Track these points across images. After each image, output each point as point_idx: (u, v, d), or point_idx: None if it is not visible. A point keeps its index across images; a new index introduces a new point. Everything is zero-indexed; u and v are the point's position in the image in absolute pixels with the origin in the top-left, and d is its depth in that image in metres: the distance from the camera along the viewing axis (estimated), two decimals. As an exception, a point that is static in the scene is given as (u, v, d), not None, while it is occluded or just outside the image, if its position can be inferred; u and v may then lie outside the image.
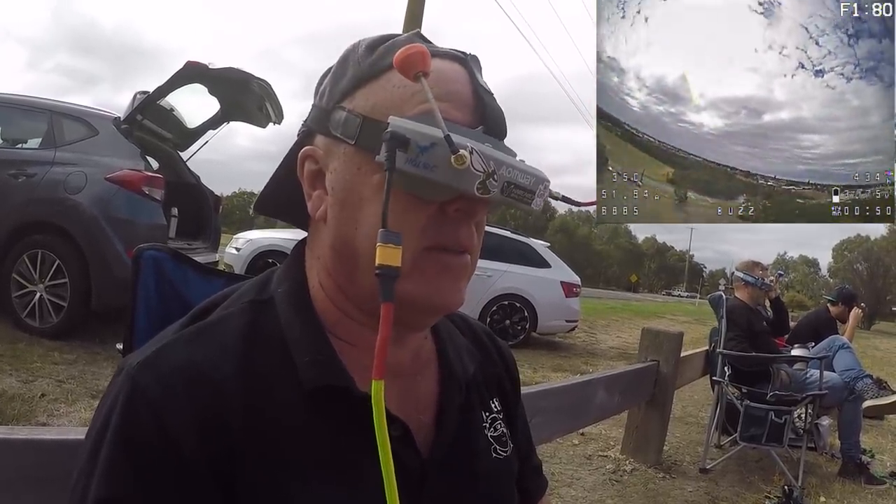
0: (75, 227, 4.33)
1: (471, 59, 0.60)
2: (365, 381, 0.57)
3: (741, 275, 4.14)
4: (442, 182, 0.52)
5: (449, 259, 0.57)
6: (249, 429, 0.52)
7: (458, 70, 0.59)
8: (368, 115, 0.56)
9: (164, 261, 0.73)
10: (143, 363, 0.52)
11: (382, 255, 0.49)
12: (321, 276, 0.61)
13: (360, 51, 0.60)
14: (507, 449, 0.70)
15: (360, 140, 0.56)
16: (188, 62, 4.60)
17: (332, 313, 0.61)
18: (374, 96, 0.57)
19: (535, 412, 1.96)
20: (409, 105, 0.55)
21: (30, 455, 0.79)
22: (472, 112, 0.58)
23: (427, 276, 0.55)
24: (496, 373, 0.76)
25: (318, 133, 0.60)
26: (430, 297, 0.56)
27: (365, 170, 0.56)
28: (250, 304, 0.60)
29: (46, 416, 2.99)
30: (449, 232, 0.56)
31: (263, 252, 7.23)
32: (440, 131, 0.50)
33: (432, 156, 0.51)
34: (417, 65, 0.51)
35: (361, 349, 0.60)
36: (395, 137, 0.51)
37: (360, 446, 0.56)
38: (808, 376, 3.81)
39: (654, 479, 3.43)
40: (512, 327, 7.69)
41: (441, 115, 0.51)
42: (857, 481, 3.63)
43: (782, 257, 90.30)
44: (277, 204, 0.69)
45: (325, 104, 0.60)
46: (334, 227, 0.58)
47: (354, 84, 0.58)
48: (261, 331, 0.57)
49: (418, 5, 9.66)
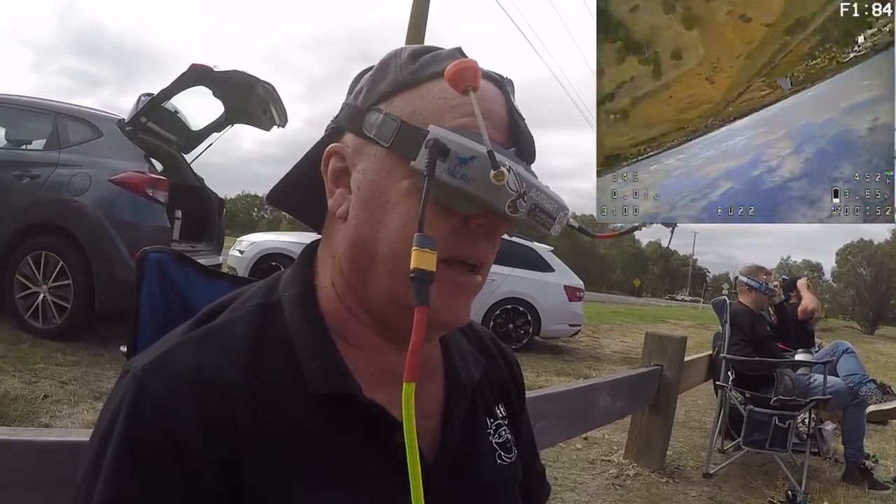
0: (79, 228, 4.34)
1: (507, 82, 0.61)
2: (371, 386, 0.57)
3: (745, 279, 4.13)
4: (477, 195, 0.53)
5: (464, 279, 0.58)
6: (256, 433, 0.52)
7: (495, 91, 0.60)
8: (406, 121, 0.56)
9: (168, 263, 0.73)
10: (150, 366, 0.52)
11: (418, 259, 0.49)
12: (334, 274, 0.61)
13: (402, 57, 0.60)
14: (512, 455, 0.70)
15: (395, 144, 0.56)
16: (193, 65, 4.62)
17: (341, 314, 0.61)
18: (413, 103, 0.58)
19: (538, 416, 1.96)
20: (448, 116, 0.56)
21: (32, 456, 0.79)
22: (507, 133, 0.59)
23: (440, 291, 0.55)
24: (501, 379, 0.76)
25: (349, 131, 0.61)
26: (440, 313, 0.56)
27: (395, 173, 0.56)
28: (257, 308, 0.60)
29: (49, 417, 2.99)
30: (468, 245, 0.57)
31: (267, 255, 7.24)
32: (481, 145, 0.52)
33: (471, 168, 0.52)
34: (469, 79, 0.52)
35: (367, 353, 0.60)
36: (437, 146, 0.52)
37: (365, 452, 0.56)
38: (811, 381, 3.79)
39: (657, 483, 3.42)
40: (515, 331, 7.68)
41: (475, 131, 0.53)
42: (861, 486, 3.62)
43: (785, 262, 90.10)
44: (291, 197, 0.69)
45: (361, 104, 0.60)
46: (355, 226, 0.58)
47: (394, 88, 0.59)
48: (268, 335, 0.57)
49: (422, 9, 9.68)
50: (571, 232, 0.81)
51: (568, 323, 8.15)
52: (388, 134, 0.56)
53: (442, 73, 0.56)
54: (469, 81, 0.52)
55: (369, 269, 0.58)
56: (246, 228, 67.67)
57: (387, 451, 0.57)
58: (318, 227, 0.67)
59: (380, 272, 0.57)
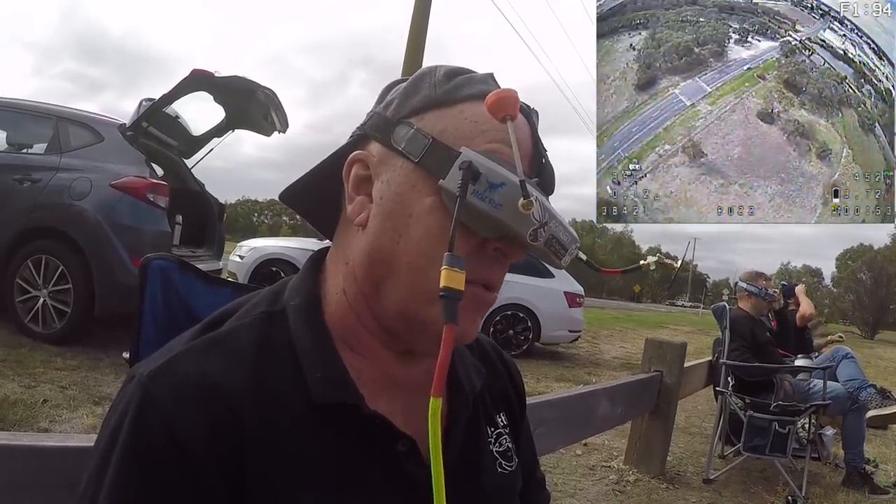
0: (79, 233, 4.35)
1: (533, 112, 0.62)
2: (373, 395, 0.58)
3: (745, 285, 4.13)
4: (503, 221, 0.54)
5: (481, 294, 0.58)
6: (260, 440, 0.52)
7: (523, 121, 0.60)
8: (437, 138, 0.57)
9: (170, 270, 0.73)
10: (155, 372, 0.52)
11: (447, 278, 0.50)
12: (346, 281, 0.61)
13: (437, 76, 0.61)
14: (512, 463, 0.70)
15: (425, 160, 0.56)
16: (194, 70, 4.63)
17: (349, 322, 0.61)
18: (444, 122, 0.58)
19: (538, 423, 1.96)
20: (478, 140, 0.57)
21: (31, 461, 0.79)
22: (531, 163, 0.60)
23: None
24: (502, 387, 0.77)
25: (376, 141, 0.61)
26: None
27: (420, 188, 0.57)
28: (262, 316, 0.60)
29: (48, 421, 2.99)
30: (483, 268, 0.58)
31: (267, 260, 7.23)
32: (512, 173, 0.53)
33: (500, 194, 0.53)
34: (508, 108, 0.53)
35: (371, 362, 0.61)
36: (470, 169, 0.53)
37: (368, 461, 0.56)
38: (811, 386, 3.79)
39: (657, 489, 3.41)
40: (515, 337, 7.67)
41: (504, 158, 0.55)
42: (861, 491, 3.60)
43: (786, 267, 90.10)
44: (304, 199, 0.69)
45: (391, 115, 0.60)
46: (374, 235, 0.58)
47: (426, 105, 0.59)
48: (272, 343, 0.57)
49: (423, 15, 9.70)
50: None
51: (568, 329, 8.13)
52: (418, 149, 0.57)
53: (475, 96, 0.58)
54: (508, 111, 0.53)
55: (385, 280, 0.58)
56: (246, 233, 67.66)
57: (389, 461, 0.57)
58: (327, 232, 0.67)
59: (396, 285, 0.57)
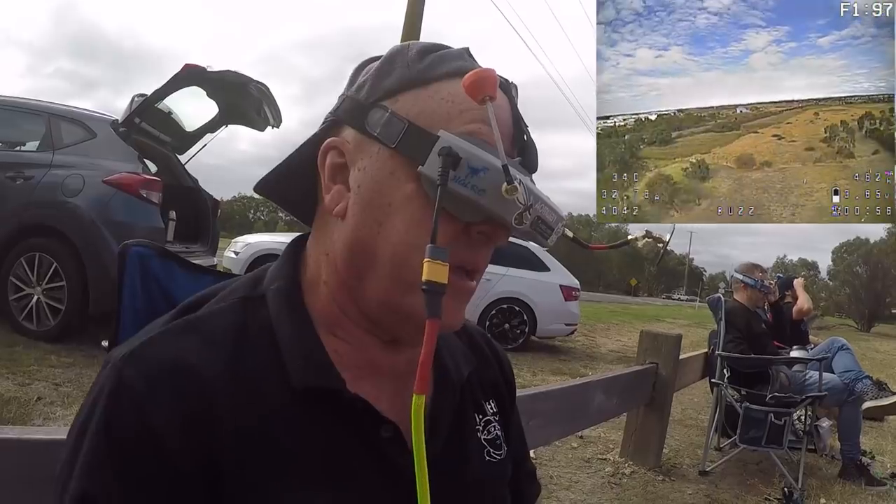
0: (73, 229, 4.33)
1: (512, 86, 0.60)
2: (356, 380, 0.57)
3: (740, 277, 4.14)
4: (486, 207, 0.52)
5: (461, 284, 0.57)
6: (236, 426, 0.51)
7: (501, 96, 0.58)
8: (413, 122, 0.55)
9: (149, 257, 0.72)
10: (129, 356, 0.51)
11: (430, 271, 0.49)
12: (327, 271, 0.60)
13: (410, 54, 0.58)
14: (501, 452, 0.69)
15: (401, 145, 0.54)
16: (186, 65, 4.60)
17: (330, 311, 0.60)
18: (420, 103, 0.56)
19: (533, 415, 1.95)
20: (456, 121, 0.55)
21: (19, 455, 0.78)
22: (512, 141, 0.58)
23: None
24: (492, 376, 0.76)
25: (350, 126, 0.58)
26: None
27: (399, 175, 0.55)
28: (241, 301, 0.59)
29: (42, 419, 2.98)
30: (469, 253, 0.56)
31: (262, 256, 7.23)
32: (493, 157, 0.51)
33: (482, 180, 0.52)
34: (487, 88, 0.51)
35: (354, 347, 0.60)
36: (450, 155, 0.51)
37: (350, 447, 0.55)
38: (807, 378, 3.80)
39: (653, 481, 3.42)
40: (511, 331, 7.69)
41: (483, 138, 0.53)
42: (858, 483, 3.62)
43: (782, 260, 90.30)
44: (282, 189, 0.67)
45: (364, 98, 0.58)
46: (353, 225, 0.57)
47: (400, 86, 0.57)
48: (251, 328, 0.56)
49: (417, 10, 9.67)
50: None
51: (564, 322, 8.16)
52: (394, 134, 0.54)
53: (451, 74, 0.56)
54: (487, 91, 0.51)
55: (367, 270, 0.57)
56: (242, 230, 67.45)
57: (372, 446, 0.56)
58: (307, 220, 0.66)
59: (378, 275, 0.56)
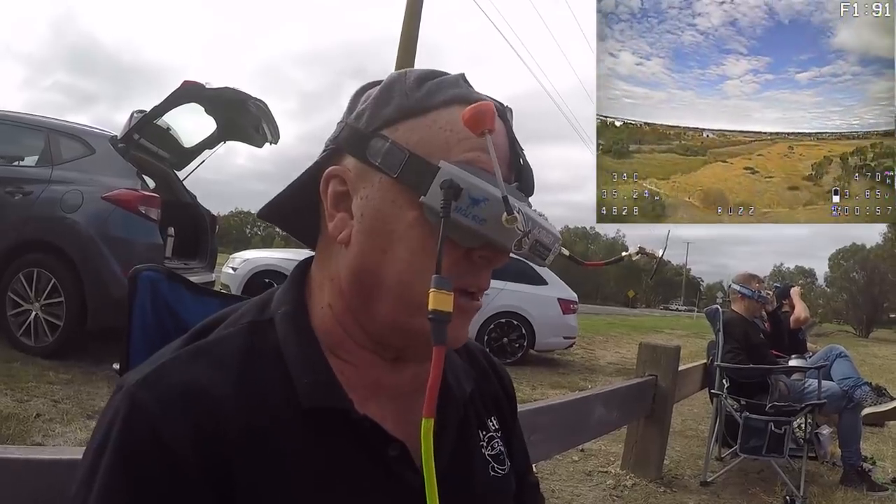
0: (71, 245, 4.33)
1: (507, 110, 0.61)
2: (363, 400, 0.58)
3: (737, 287, 4.16)
4: (487, 235, 0.54)
5: (466, 304, 0.58)
6: (248, 447, 0.52)
7: (497, 123, 0.59)
8: (414, 152, 0.56)
9: (159, 281, 0.73)
10: (143, 381, 0.53)
11: (436, 301, 0.50)
12: (332, 296, 0.61)
13: (408, 82, 0.59)
14: (505, 467, 0.70)
15: (403, 175, 0.55)
16: (185, 82, 4.63)
17: (336, 335, 0.61)
18: (419, 132, 0.57)
19: (533, 429, 1.95)
20: (455, 150, 0.56)
21: (25, 475, 0.79)
22: (509, 166, 0.59)
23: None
24: (493, 392, 0.76)
25: (351, 155, 0.59)
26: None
27: (400, 204, 0.56)
28: (250, 325, 0.60)
29: (41, 436, 2.97)
30: (471, 276, 0.58)
31: (260, 272, 7.22)
32: (493, 187, 0.53)
33: (483, 209, 0.53)
34: (486, 122, 0.52)
35: (360, 369, 0.61)
36: (451, 187, 0.52)
37: (358, 465, 0.56)
38: (806, 386, 3.80)
39: (654, 493, 3.41)
40: (510, 345, 7.68)
41: (482, 166, 0.55)
42: (859, 489, 3.61)
43: (778, 269, 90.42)
44: (285, 214, 0.68)
45: (364, 127, 0.59)
46: (358, 253, 0.58)
47: (399, 115, 0.58)
48: (260, 351, 0.57)
49: (414, 23, 9.74)
50: (565, 244, 0.83)
51: (562, 335, 8.15)
52: (396, 164, 0.55)
53: (448, 102, 0.57)
54: (486, 125, 0.52)
55: (374, 294, 0.58)
56: (239, 245, 67.41)
57: (380, 466, 0.57)
58: (311, 243, 0.67)
59: (385, 300, 0.57)
